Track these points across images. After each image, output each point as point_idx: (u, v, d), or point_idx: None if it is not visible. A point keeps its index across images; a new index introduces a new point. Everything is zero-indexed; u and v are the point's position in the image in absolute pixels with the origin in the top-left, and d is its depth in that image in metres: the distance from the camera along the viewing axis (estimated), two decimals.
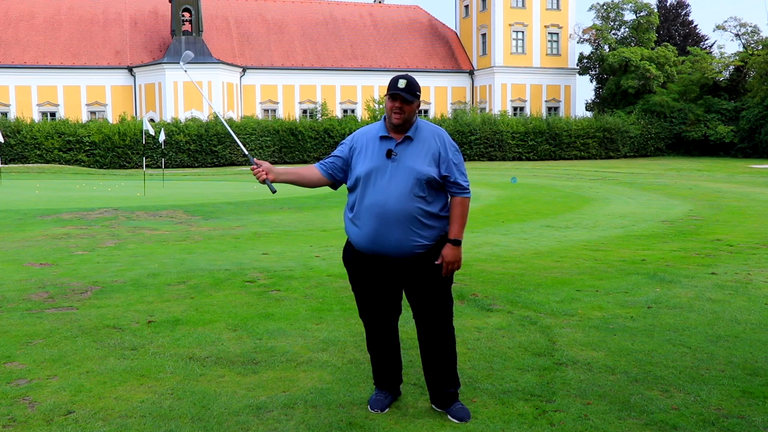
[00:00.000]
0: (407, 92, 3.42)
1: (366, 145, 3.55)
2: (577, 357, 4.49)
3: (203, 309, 5.69)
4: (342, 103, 49.53)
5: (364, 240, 3.51)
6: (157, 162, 34.97)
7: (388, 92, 3.46)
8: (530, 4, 50.74)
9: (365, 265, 3.59)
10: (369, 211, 3.46)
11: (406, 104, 3.43)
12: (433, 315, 3.60)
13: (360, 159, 3.54)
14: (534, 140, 42.28)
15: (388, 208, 3.42)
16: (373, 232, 3.46)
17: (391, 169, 3.45)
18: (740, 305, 5.86)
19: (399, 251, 3.47)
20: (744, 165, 34.09)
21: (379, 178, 3.45)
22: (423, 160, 3.46)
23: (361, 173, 3.50)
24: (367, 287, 3.64)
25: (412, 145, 3.49)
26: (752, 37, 46.48)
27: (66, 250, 8.72)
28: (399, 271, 3.55)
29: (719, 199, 16.06)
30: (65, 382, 4.02)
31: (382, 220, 3.43)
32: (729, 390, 3.92)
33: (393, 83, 3.45)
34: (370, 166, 3.48)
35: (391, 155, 3.46)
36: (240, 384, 4.00)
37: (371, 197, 3.46)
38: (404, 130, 3.51)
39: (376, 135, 3.55)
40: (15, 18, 45.79)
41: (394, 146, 3.49)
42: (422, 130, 3.54)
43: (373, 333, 3.75)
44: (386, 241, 3.45)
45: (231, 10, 50.45)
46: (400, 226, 3.43)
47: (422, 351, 3.71)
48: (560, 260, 8.08)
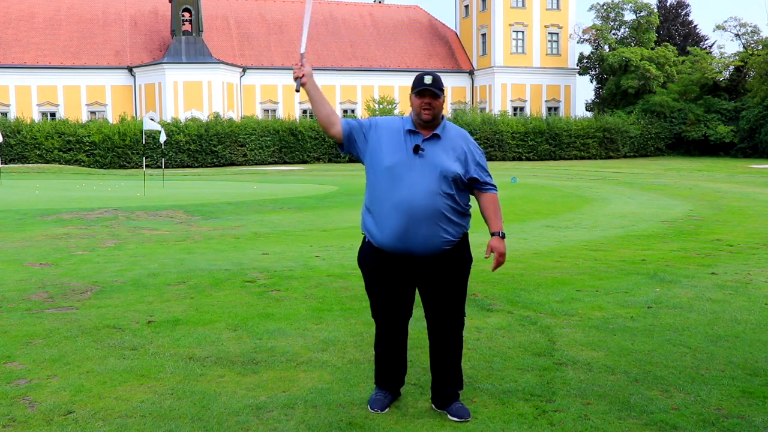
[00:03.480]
0: (435, 87, 3.43)
1: (390, 135, 3.52)
2: (577, 357, 4.49)
3: (203, 309, 5.69)
4: (342, 103, 49.54)
5: (391, 237, 3.45)
6: (157, 162, 34.95)
7: (415, 90, 3.45)
8: (530, 4, 50.74)
9: (386, 264, 3.55)
10: (397, 208, 3.42)
11: (434, 99, 3.44)
12: (449, 315, 3.59)
13: (383, 150, 3.49)
14: (534, 140, 42.28)
15: (417, 204, 3.39)
16: (402, 228, 3.42)
17: (418, 165, 3.43)
18: (740, 305, 5.86)
19: (426, 248, 3.45)
20: (744, 165, 34.09)
21: (405, 172, 3.42)
22: (449, 158, 3.47)
23: (385, 165, 3.46)
24: (385, 287, 3.60)
25: (440, 143, 3.49)
26: (752, 37, 46.48)
27: (66, 250, 8.72)
28: (420, 270, 3.53)
29: (719, 199, 16.06)
30: (65, 382, 4.01)
31: (410, 216, 3.40)
32: (729, 390, 3.92)
33: (419, 80, 3.46)
34: (396, 159, 3.44)
35: (419, 150, 3.44)
36: (240, 384, 4.00)
37: (399, 193, 3.41)
38: (433, 127, 3.50)
39: (401, 128, 3.52)
40: (15, 18, 45.79)
41: (421, 141, 3.47)
42: (449, 130, 3.56)
43: (385, 333, 3.72)
44: (414, 238, 3.43)
45: (231, 10, 50.45)
46: (429, 223, 3.41)
47: (432, 351, 3.70)
48: (560, 260, 8.08)
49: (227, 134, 37.43)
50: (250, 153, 37.84)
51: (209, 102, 43.49)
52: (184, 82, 43.36)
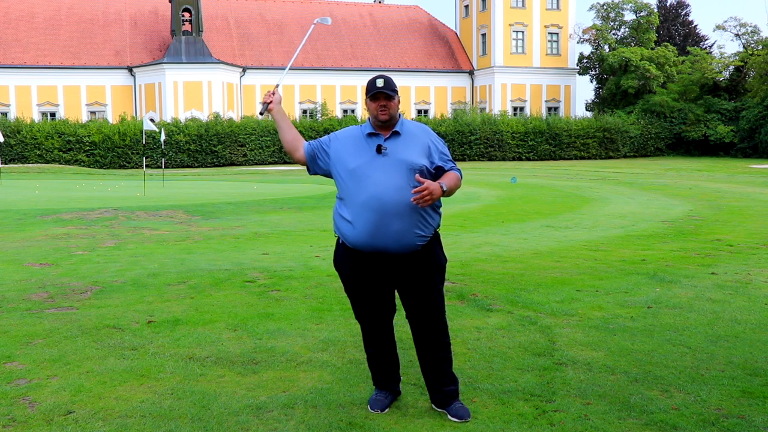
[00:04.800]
0: (388, 89, 3.52)
1: (351, 143, 3.60)
2: (577, 357, 4.49)
3: (203, 309, 5.69)
4: (342, 103, 49.54)
5: (363, 236, 3.49)
6: (157, 162, 34.96)
7: (369, 94, 3.54)
8: (530, 4, 50.75)
9: (360, 264, 3.58)
10: (366, 206, 3.45)
11: (389, 101, 3.52)
12: (427, 312, 3.61)
13: (346, 156, 3.56)
14: (534, 140, 42.29)
15: (386, 200, 3.42)
16: (373, 226, 3.45)
17: (383, 164, 3.48)
18: (740, 305, 5.86)
19: (399, 244, 3.47)
20: (744, 165, 34.09)
21: (371, 172, 3.47)
22: (413, 152, 3.52)
23: (349, 168, 3.52)
24: (362, 287, 3.64)
25: (401, 139, 3.55)
26: (752, 37, 46.50)
27: (66, 250, 8.72)
28: (394, 268, 3.55)
29: (719, 199, 16.06)
30: (65, 382, 4.01)
31: (381, 213, 3.43)
32: (729, 390, 3.92)
33: (372, 85, 3.55)
34: (360, 161, 3.51)
35: (381, 150, 3.50)
36: (240, 384, 4.00)
37: (367, 191, 3.45)
38: (391, 126, 3.57)
39: (361, 133, 3.60)
40: (15, 18, 45.79)
41: (383, 141, 3.53)
42: (407, 125, 3.63)
43: (370, 333, 3.76)
44: (386, 235, 3.45)
45: (231, 10, 50.46)
46: (400, 218, 3.44)
47: (418, 350, 3.72)
48: (560, 260, 8.07)
49: (227, 134, 37.44)
50: (250, 153, 37.85)
51: (209, 102, 43.49)
52: (184, 82, 43.37)
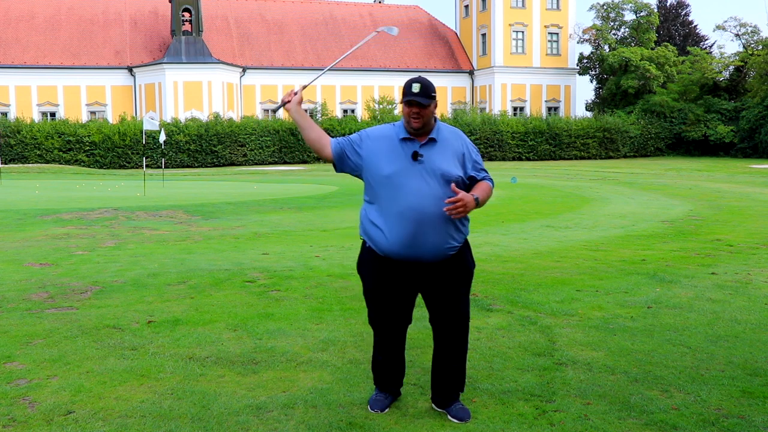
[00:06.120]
0: (422, 96, 3.34)
1: (384, 145, 3.46)
2: (577, 357, 4.49)
3: (203, 309, 5.69)
4: (342, 103, 49.54)
5: (397, 245, 3.39)
6: (157, 162, 34.96)
7: (403, 98, 3.39)
8: (530, 4, 50.74)
9: (388, 270, 3.49)
10: (403, 216, 3.35)
11: (423, 108, 3.37)
12: (453, 317, 3.57)
13: (379, 160, 3.42)
14: (534, 140, 42.28)
15: (424, 211, 3.34)
16: (409, 236, 3.36)
17: (419, 172, 3.37)
18: (740, 305, 5.86)
19: (434, 254, 3.41)
20: (744, 165, 34.09)
21: (407, 180, 3.36)
22: (449, 162, 3.41)
23: (384, 174, 3.39)
24: (386, 294, 3.55)
25: (437, 147, 3.43)
26: (752, 37, 46.49)
27: (66, 250, 8.72)
28: (425, 276, 3.49)
29: (719, 199, 16.06)
30: (65, 382, 4.01)
31: (418, 224, 3.34)
32: (729, 390, 3.92)
33: (407, 89, 3.38)
34: (395, 168, 3.38)
35: (418, 157, 3.38)
36: (240, 384, 4.00)
37: (404, 201, 3.35)
38: (426, 132, 3.45)
39: (395, 136, 3.46)
40: (15, 18, 45.79)
41: (418, 147, 3.41)
42: (443, 131, 3.50)
43: (384, 341, 3.69)
44: (423, 245, 3.38)
45: (231, 10, 50.46)
46: (437, 229, 3.37)
47: (437, 352, 3.68)
48: (560, 260, 8.07)
49: (227, 134, 37.43)
50: (250, 153, 37.85)
51: (209, 102, 43.48)
52: (184, 82, 43.36)
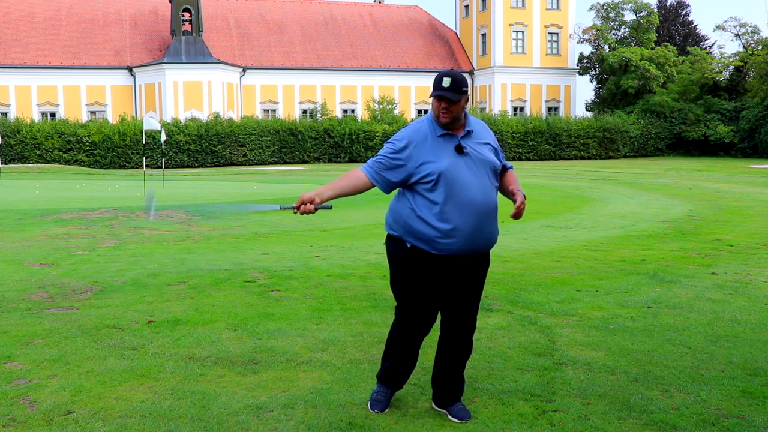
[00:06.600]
0: (452, 91, 3.28)
1: (425, 144, 3.37)
2: (577, 357, 4.49)
3: (203, 309, 5.69)
4: (342, 103, 49.54)
5: (461, 241, 3.33)
6: (157, 162, 34.94)
7: (433, 92, 3.33)
8: (530, 4, 50.75)
9: (436, 269, 3.42)
10: (464, 211, 3.30)
11: (452, 104, 3.31)
12: (467, 314, 3.57)
13: (426, 161, 3.32)
14: (534, 140, 42.28)
15: (482, 201, 3.34)
16: (473, 229, 3.33)
17: (467, 165, 3.35)
18: (740, 305, 5.86)
19: (488, 245, 3.45)
20: (744, 165, 34.08)
21: (459, 175, 3.31)
22: (487, 151, 3.45)
23: (437, 173, 3.29)
24: (429, 293, 3.48)
25: (474, 138, 3.43)
26: (752, 37, 46.48)
27: (66, 250, 8.72)
28: (464, 269, 3.45)
29: (719, 199, 16.06)
30: (65, 382, 4.01)
31: (479, 216, 3.33)
32: (729, 390, 3.92)
33: (437, 82, 3.31)
34: (445, 165, 3.30)
35: (463, 150, 3.35)
36: (240, 384, 4.00)
37: (462, 196, 3.30)
38: (461, 126, 3.42)
39: (431, 132, 3.39)
40: (15, 18, 45.79)
41: (459, 141, 3.38)
42: (473, 123, 3.49)
43: (412, 338, 3.60)
44: (481, 237, 3.39)
45: (231, 10, 50.45)
46: (491, 220, 3.41)
47: (441, 352, 3.66)
48: (560, 260, 8.07)
49: (227, 134, 37.42)
50: (250, 153, 37.84)
51: (209, 102, 43.49)
52: (184, 82, 43.37)
